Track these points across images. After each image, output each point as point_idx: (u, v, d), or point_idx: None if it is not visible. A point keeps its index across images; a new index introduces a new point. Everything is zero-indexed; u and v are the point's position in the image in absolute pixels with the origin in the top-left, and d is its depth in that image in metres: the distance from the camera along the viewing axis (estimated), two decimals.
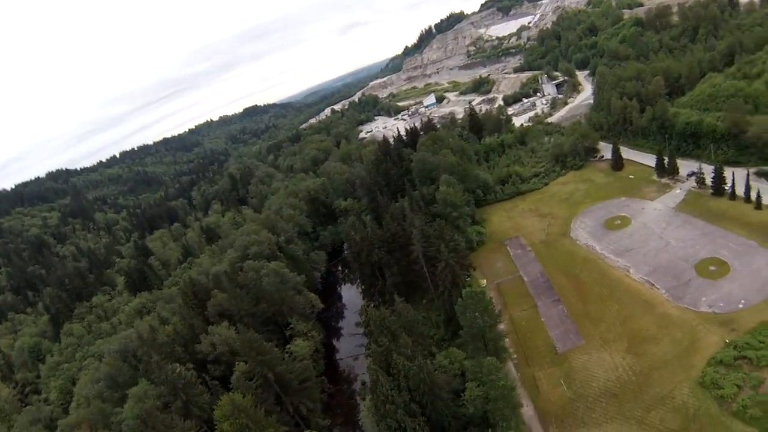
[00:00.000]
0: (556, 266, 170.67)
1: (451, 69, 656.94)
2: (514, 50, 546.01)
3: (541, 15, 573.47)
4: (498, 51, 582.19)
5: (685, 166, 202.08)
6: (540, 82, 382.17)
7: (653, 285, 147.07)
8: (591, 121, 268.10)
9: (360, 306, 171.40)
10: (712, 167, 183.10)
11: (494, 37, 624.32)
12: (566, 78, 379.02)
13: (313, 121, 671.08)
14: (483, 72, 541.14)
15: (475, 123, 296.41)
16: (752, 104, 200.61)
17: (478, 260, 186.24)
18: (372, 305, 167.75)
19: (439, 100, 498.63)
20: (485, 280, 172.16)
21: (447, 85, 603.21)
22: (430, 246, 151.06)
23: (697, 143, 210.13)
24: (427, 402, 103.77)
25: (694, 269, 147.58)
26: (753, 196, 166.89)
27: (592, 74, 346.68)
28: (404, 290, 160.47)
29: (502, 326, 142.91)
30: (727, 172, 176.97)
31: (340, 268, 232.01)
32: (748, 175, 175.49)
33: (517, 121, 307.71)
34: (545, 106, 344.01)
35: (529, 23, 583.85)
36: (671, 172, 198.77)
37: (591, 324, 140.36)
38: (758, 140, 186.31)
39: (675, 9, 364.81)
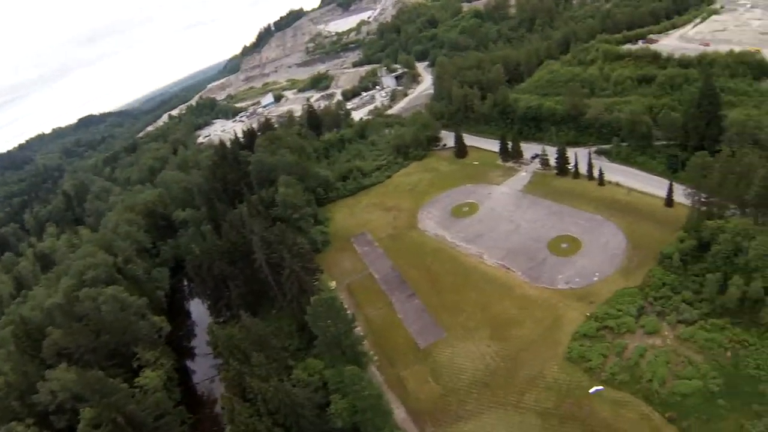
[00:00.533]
0: (406, 260, 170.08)
1: (290, 67, 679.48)
2: (353, 45, 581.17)
3: (381, 9, 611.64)
4: (337, 46, 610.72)
5: (529, 149, 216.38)
6: (379, 75, 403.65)
7: (509, 268, 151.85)
8: (432, 110, 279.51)
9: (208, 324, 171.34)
10: (555, 149, 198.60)
11: (333, 33, 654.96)
12: (406, 70, 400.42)
13: (150, 128, 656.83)
14: (322, 68, 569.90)
15: (313, 119, 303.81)
16: (588, 88, 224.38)
17: (325, 261, 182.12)
18: (221, 321, 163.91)
19: (278, 99, 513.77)
20: (334, 282, 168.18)
21: (286, 83, 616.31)
22: (273, 252, 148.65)
23: (539, 126, 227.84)
24: (291, 423, 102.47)
25: (547, 248, 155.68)
26: (595, 173, 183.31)
27: (432, 65, 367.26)
28: (252, 302, 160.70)
29: (358, 328, 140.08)
30: (570, 153, 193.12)
31: (185, 282, 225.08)
32: (590, 154, 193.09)
33: (357, 115, 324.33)
34: (385, 99, 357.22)
35: (369, 18, 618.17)
36: (515, 155, 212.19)
37: (450, 315, 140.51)
38: (596, 121, 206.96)
39: (512, 1, 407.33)
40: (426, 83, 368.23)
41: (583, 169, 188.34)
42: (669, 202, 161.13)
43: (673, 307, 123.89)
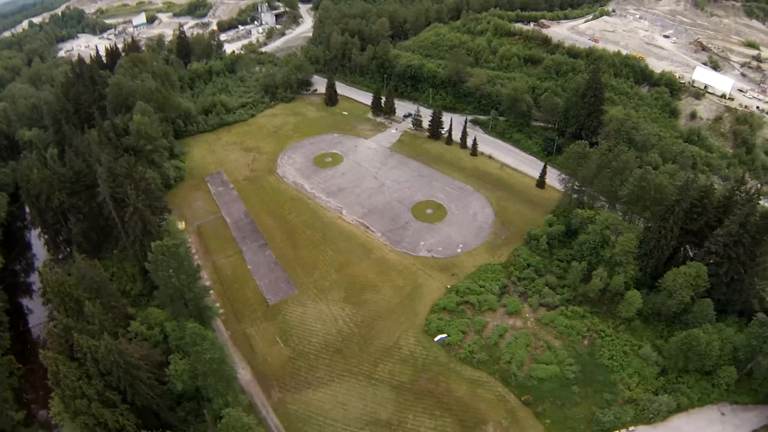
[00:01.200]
0: (262, 206, 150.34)
1: None
2: None
3: None
4: None
5: (402, 107, 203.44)
6: (259, 10, 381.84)
7: (368, 228, 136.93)
8: (308, 53, 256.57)
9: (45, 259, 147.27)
10: (430, 111, 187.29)
11: None
12: (288, 9, 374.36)
13: (6, 34, 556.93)
14: None
15: (183, 46, 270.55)
16: (473, 57, 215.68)
17: (176, 199, 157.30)
18: (60, 258, 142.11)
19: (150, 20, 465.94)
20: (183, 223, 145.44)
21: (162, 5, 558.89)
22: (119, 186, 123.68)
23: (416, 86, 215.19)
24: (125, 386, 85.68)
25: (410, 212, 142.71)
26: (469, 142, 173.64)
27: (316, 9, 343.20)
28: (95, 239, 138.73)
29: (204, 278, 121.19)
30: (445, 118, 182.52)
31: (27, 211, 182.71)
32: (466, 121, 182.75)
33: (230, 48, 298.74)
34: (261, 36, 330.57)
35: None
36: (388, 111, 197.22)
37: (304, 271, 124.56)
38: (476, 91, 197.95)
39: None
40: (306, 26, 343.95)
41: (456, 136, 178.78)
42: (541, 183, 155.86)
43: (535, 289, 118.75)
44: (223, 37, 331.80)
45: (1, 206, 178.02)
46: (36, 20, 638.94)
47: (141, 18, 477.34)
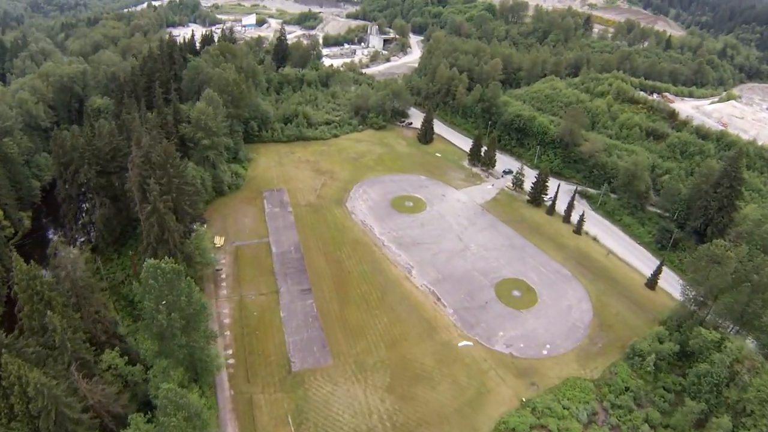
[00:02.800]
0: (317, 241, 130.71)
1: None
2: None
3: None
4: None
5: (503, 161, 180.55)
6: (368, 32, 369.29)
7: (440, 299, 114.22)
8: (410, 82, 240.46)
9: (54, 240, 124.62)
10: (534, 173, 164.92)
11: None
12: (398, 36, 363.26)
13: (126, 10, 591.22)
14: (316, 8, 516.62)
15: (281, 50, 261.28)
16: (590, 120, 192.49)
17: (223, 209, 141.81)
18: (70, 241, 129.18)
19: (260, 23, 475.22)
20: (222, 239, 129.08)
21: (274, 11, 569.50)
22: (153, 177, 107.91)
23: (522, 141, 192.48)
24: None
25: (493, 289, 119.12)
26: (574, 217, 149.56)
27: (427, 40, 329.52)
28: (117, 230, 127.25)
29: (226, 311, 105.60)
30: (550, 183, 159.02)
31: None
32: (575, 192, 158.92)
33: (330, 63, 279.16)
34: (365, 57, 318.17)
35: None
36: (486, 163, 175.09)
37: (346, 338, 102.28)
38: (589, 158, 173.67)
39: (531, 10, 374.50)
40: (413, 56, 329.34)
41: (560, 207, 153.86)
42: (652, 283, 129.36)
43: (632, 425, 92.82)
44: (326, 51, 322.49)
45: (50, 166, 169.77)
46: (156, 3, 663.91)
47: (251, 19, 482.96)
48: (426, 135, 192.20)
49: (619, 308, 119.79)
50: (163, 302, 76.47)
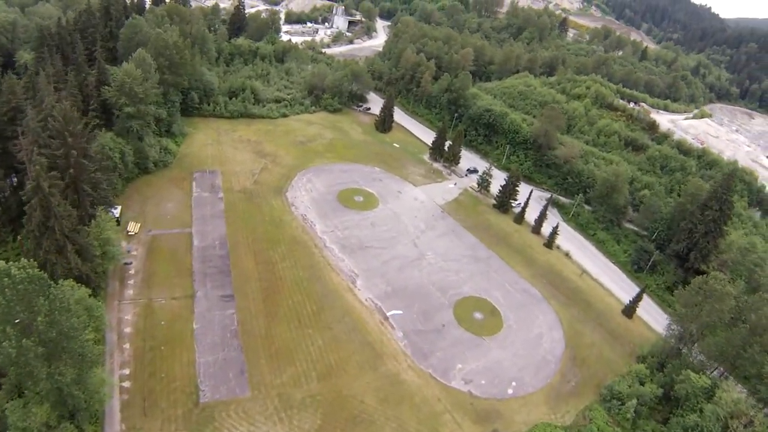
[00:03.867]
0: (248, 237, 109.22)
1: None
2: None
3: None
4: None
5: (468, 159, 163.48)
6: (333, 12, 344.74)
7: (387, 320, 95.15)
8: (372, 65, 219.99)
9: None
10: (504, 175, 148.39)
11: None
12: (364, 19, 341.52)
13: None
14: None
15: (238, 19, 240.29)
16: (566, 122, 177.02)
17: (145, 190, 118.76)
18: None
19: None
20: (138, 226, 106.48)
21: None
22: (46, 147, 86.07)
23: (491, 138, 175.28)
24: None
25: (452, 310, 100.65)
26: (545, 230, 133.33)
27: (394, 25, 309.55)
28: (13, 208, 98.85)
29: (128, 317, 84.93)
30: (521, 188, 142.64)
31: None
32: (550, 200, 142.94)
33: (288, 39, 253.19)
34: (327, 37, 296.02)
35: None
36: (450, 159, 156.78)
37: (271, 362, 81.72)
38: (564, 164, 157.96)
39: (505, 6, 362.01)
40: (378, 40, 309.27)
41: (530, 215, 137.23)
42: (629, 311, 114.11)
43: None
44: (286, 28, 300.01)
45: None
46: None
47: None
48: (384, 123, 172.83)
49: (594, 339, 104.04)
50: (16, 322, 54.27)
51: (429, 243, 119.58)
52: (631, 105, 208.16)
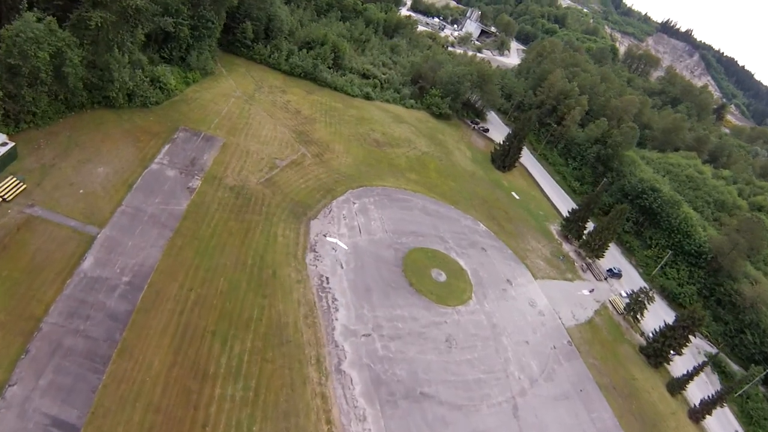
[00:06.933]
0: (190, 289, 49.69)
1: None
2: None
3: None
4: None
5: (610, 257, 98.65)
6: (467, 15, 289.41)
7: None
8: (503, 79, 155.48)
9: None
10: (676, 314, 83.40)
11: None
12: (499, 33, 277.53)
13: None
14: None
15: None
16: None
17: (82, 133, 61.99)
18: None
19: None
20: (20, 188, 52.19)
21: None
22: None
23: (643, 230, 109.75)
24: None
25: None
26: (694, 397, 68.85)
27: (526, 53, 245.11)
28: None
29: None
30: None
31: None
32: (711, 359, 78.02)
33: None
34: (453, 38, 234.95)
35: None
36: (591, 247, 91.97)
37: None
38: (748, 308, 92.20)
39: (661, 70, 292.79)
40: (510, 60, 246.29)
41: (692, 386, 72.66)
42: None
43: None
44: (409, 14, 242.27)
45: None
46: None
47: None
48: (507, 157, 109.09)
49: None
50: None
51: (539, 413, 56.62)
52: None
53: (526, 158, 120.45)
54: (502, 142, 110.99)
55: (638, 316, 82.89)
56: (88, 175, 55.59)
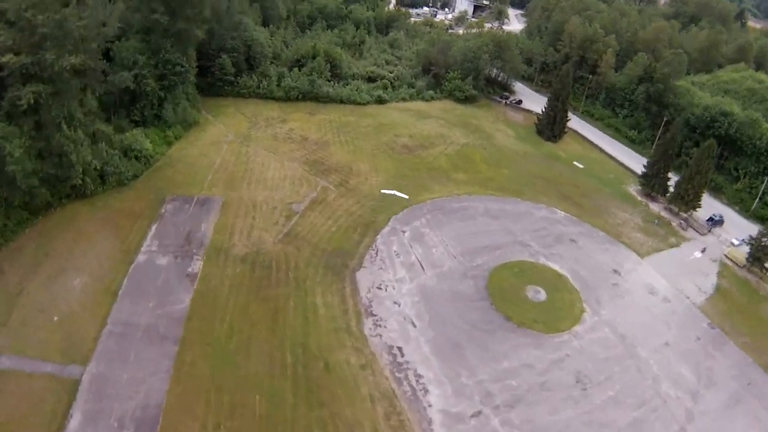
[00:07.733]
0: (217, 413, 37.58)
1: None
2: None
3: None
4: None
5: (709, 205, 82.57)
6: None
7: None
8: (517, 44, 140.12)
9: None
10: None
11: None
12: (493, 4, 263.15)
13: None
14: None
15: None
16: None
17: (52, 238, 51.25)
18: None
19: None
20: None
21: None
22: None
23: (724, 162, 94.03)
24: None
25: None
26: None
27: (527, 15, 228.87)
28: None
29: None
30: None
31: None
32: None
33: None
34: (448, 21, 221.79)
35: None
36: (684, 198, 77.08)
37: None
38: None
39: None
40: (511, 27, 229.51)
41: None
42: None
43: None
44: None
45: None
46: None
47: None
48: (554, 124, 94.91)
49: None
50: None
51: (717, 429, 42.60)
52: None
53: (571, 121, 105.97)
54: (543, 110, 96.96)
55: (764, 264, 68.04)
56: (62, 293, 44.66)
